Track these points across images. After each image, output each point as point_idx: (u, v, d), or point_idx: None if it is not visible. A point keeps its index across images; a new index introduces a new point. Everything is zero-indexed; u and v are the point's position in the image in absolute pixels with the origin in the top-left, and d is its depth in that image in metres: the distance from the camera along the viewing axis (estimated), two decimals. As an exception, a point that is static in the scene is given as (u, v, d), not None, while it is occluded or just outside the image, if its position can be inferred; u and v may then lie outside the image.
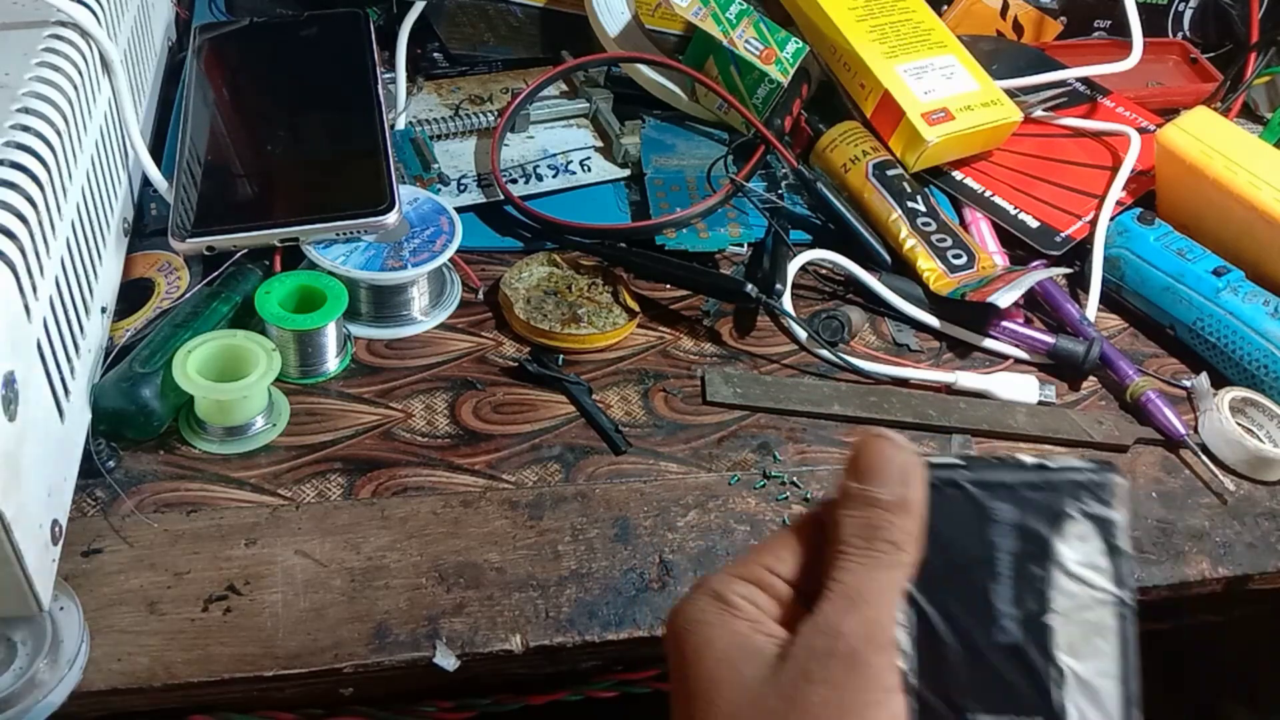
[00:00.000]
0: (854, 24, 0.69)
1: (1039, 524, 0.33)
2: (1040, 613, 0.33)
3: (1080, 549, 0.33)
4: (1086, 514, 0.33)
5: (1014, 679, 0.32)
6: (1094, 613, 0.33)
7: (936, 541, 0.33)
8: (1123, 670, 0.33)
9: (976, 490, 0.34)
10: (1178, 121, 0.64)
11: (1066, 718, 0.32)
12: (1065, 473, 0.34)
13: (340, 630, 0.43)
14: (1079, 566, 0.33)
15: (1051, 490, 0.34)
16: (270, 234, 0.54)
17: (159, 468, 0.48)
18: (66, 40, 0.48)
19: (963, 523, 0.33)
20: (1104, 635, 0.33)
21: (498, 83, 0.74)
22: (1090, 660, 0.33)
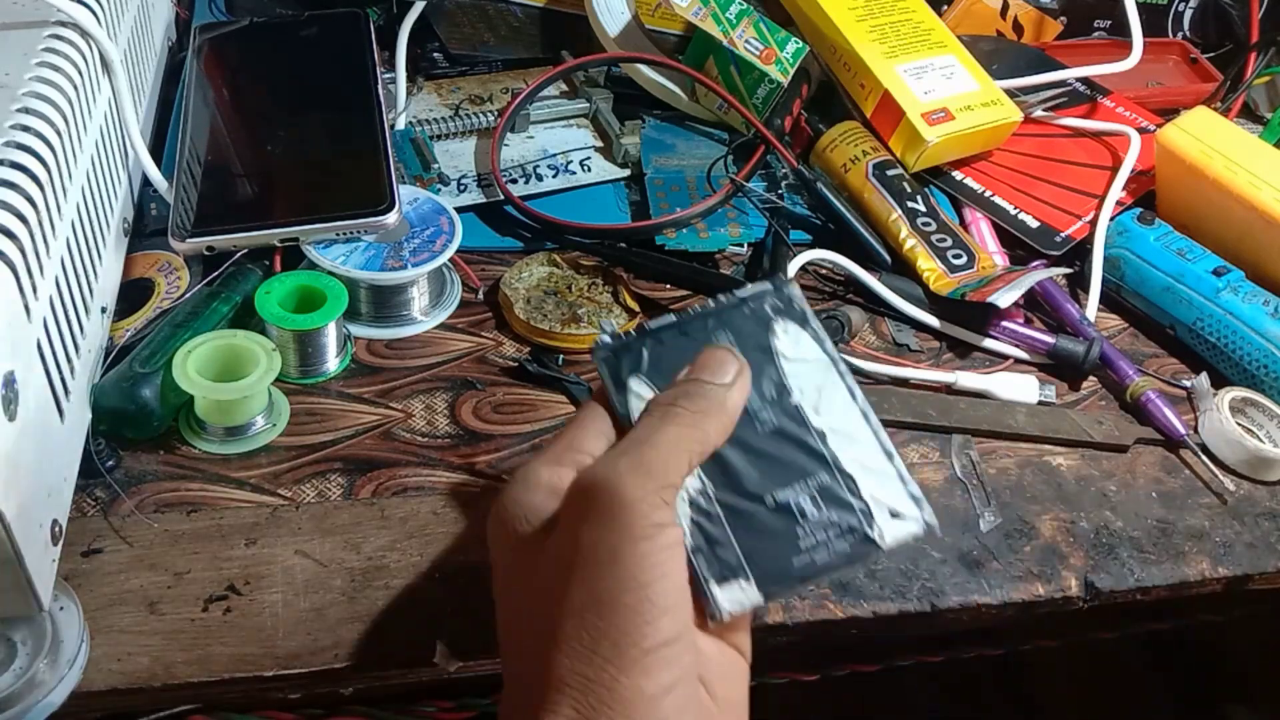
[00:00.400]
0: (854, 24, 0.69)
1: (754, 336, 0.41)
2: (784, 397, 0.40)
3: (788, 340, 0.41)
4: (780, 312, 0.42)
5: (789, 454, 0.39)
6: (819, 378, 0.40)
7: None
8: (860, 408, 0.40)
9: (697, 331, 0.41)
10: (1178, 121, 0.64)
11: (841, 463, 0.39)
12: (757, 296, 0.42)
13: (340, 630, 0.43)
14: (794, 351, 0.41)
15: (751, 309, 0.41)
16: (270, 234, 0.54)
17: (159, 468, 0.48)
18: (66, 40, 0.48)
19: (697, 355, 0.39)
20: (834, 390, 0.40)
21: (498, 83, 0.74)
22: (833, 413, 0.40)
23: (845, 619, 0.46)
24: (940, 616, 0.47)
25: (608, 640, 0.31)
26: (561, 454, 0.37)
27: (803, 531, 0.37)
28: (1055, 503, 0.52)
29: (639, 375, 0.39)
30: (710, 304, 0.41)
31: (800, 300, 0.42)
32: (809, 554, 0.37)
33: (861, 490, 0.38)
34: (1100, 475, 0.54)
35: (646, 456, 0.34)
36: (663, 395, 0.37)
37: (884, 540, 0.38)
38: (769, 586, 0.36)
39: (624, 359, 0.40)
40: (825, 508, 0.38)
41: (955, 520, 0.50)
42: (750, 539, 0.37)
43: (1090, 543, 0.50)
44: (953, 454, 0.54)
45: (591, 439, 0.38)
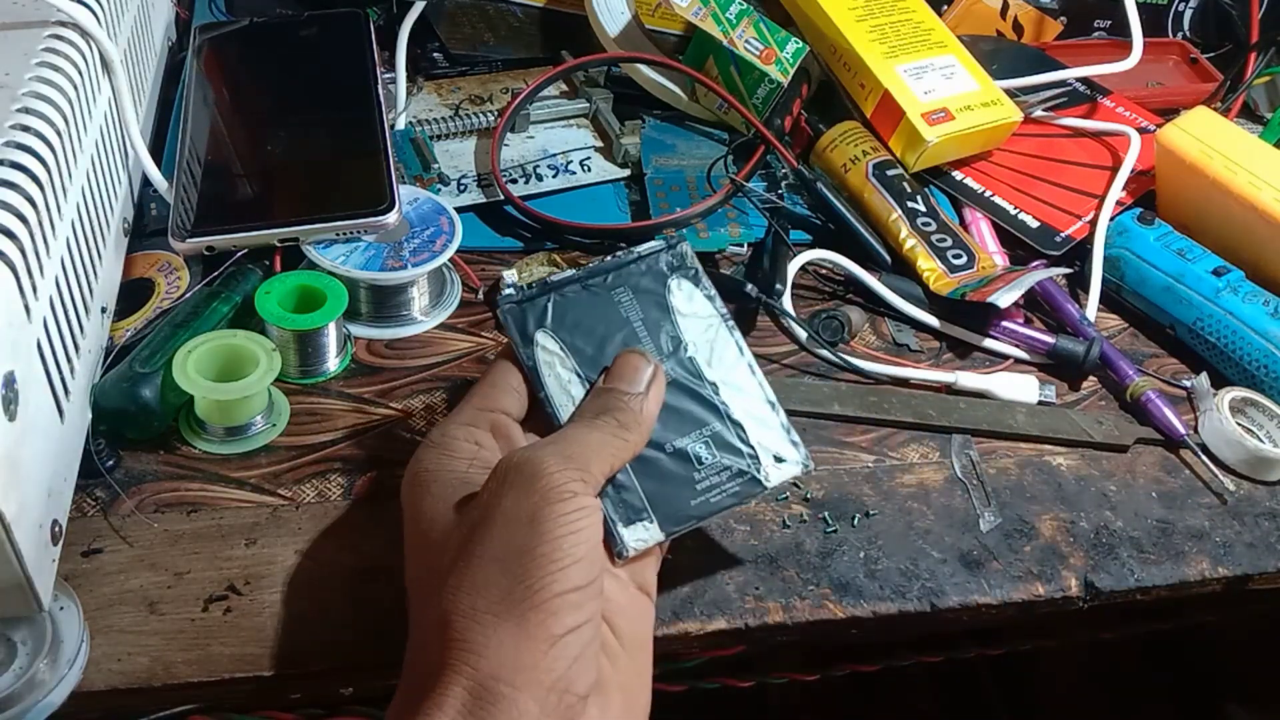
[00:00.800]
0: (854, 24, 0.69)
1: (651, 291, 0.44)
2: (680, 350, 0.43)
3: (682, 295, 0.44)
4: (674, 269, 0.44)
5: (685, 405, 0.42)
6: (710, 333, 0.44)
7: (588, 334, 0.42)
8: (747, 362, 0.44)
9: (597, 286, 0.43)
10: (1178, 121, 0.64)
11: (731, 413, 0.43)
12: (651, 253, 0.44)
13: (341, 630, 0.43)
14: (687, 306, 0.44)
15: (648, 266, 0.44)
16: (270, 234, 0.54)
17: (159, 468, 0.48)
18: (66, 40, 0.48)
19: (599, 311, 0.43)
20: (725, 345, 0.44)
21: (498, 83, 0.74)
22: (724, 366, 0.43)
23: (845, 619, 0.46)
24: (940, 616, 0.47)
25: (522, 585, 0.34)
26: (475, 414, 0.41)
27: (699, 475, 0.42)
28: (1055, 503, 0.52)
29: (544, 329, 0.43)
30: (607, 259, 0.44)
31: (693, 258, 0.45)
32: (704, 495, 0.41)
33: (750, 437, 0.42)
34: (1100, 475, 0.54)
35: (572, 449, 0.38)
36: (587, 405, 0.40)
37: (769, 481, 0.42)
38: (669, 526, 0.40)
39: (529, 313, 0.43)
40: (718, 453, 0.42)
41: (955, 520, 0.50)
42: (652, 484, 0.41)
43: (1090, 543, 0.50)
44: (953, 454, 0.54)
45: (503, 395, 0.42)
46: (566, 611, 0.34)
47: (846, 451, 0.53)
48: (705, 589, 0.46)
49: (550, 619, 0.34)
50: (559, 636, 0.34)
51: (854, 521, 0.50)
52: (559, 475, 0.36)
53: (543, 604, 0.34)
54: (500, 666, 0.33)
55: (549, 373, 0.42)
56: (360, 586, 0.44)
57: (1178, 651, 0.88)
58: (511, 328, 0.42)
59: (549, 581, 0.34)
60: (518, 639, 0.33)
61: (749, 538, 0.48)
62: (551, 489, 0.35)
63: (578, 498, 0.36)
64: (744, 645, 0.47)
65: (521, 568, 0.34)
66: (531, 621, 0.33)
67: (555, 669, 0.33)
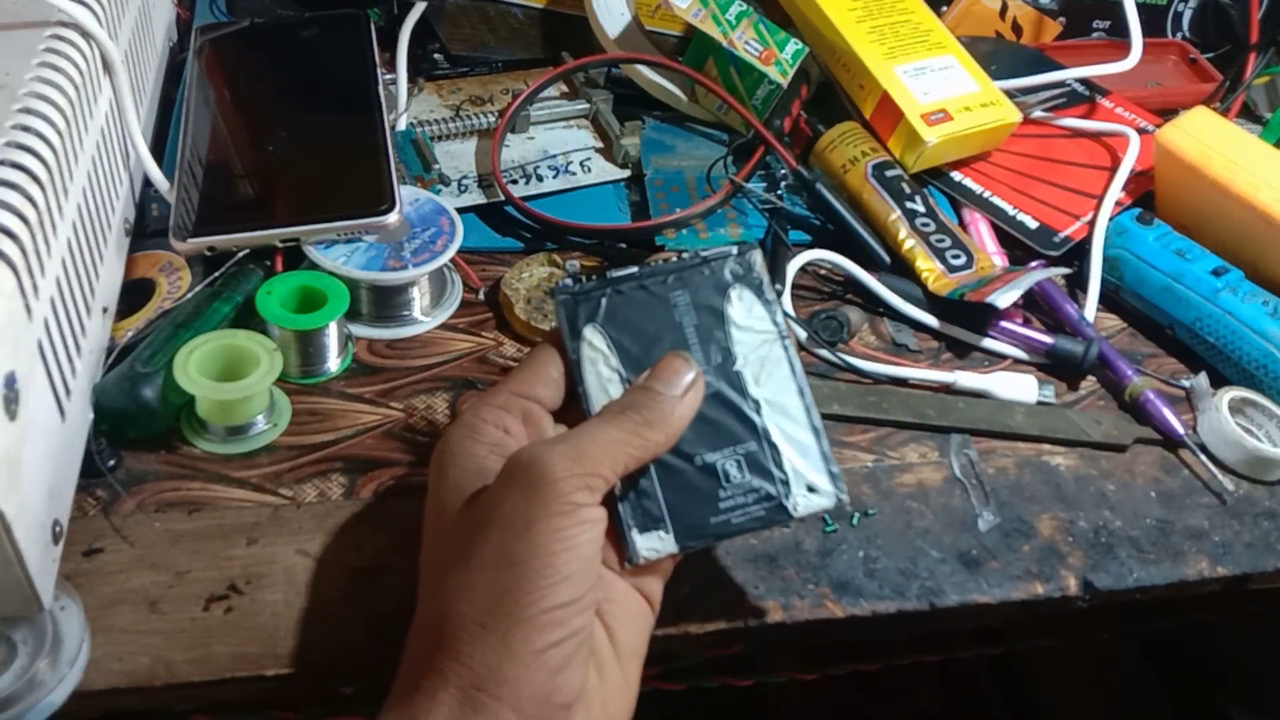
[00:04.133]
0: (853, 25, 0.69)
1: (709, 298, 0.42)
2: (728, 363, 0.41)
3: (741, 307, 0.42)
4: (739, 279, 0.43)
5: (723, 419, 0.41)
6: (764, 349, 0.42)
7: (637, 334, 0.41)
8: (797, 384, 0.42)
9: (655, 286, 0.42)
10: (1177, 122, 0.64)
11: (770, 434, 0.41)
12: (718, 258, 0.43)
13: (341, 630, 0.43)
14: (745, 319, 0.42)
15: (711, 270, 0.43)
16: (271, 234, 0.54)
17: (160, 467, 0.48)
18: (67, 40, 0.48)
19: (653, 313, 0.42)
20: (776, 363, 0.42)
21: (498, 84, 0.74)
22: (771, 385, 0.41)
23: (845, 619, 0.46)
24: (939, 616, 0.47)
25: (510, 597, 0.34)
26: (509, 399, 0.40)
27: (724, 493, 0.40)
28: (1054, 502, 0.52)
29: (594, 324, 0.42)
30: (673, 259, 0.43)
31: (760, 269, 0.43)
32: (727, 514, 0.40)
33: (784, 462, 0.41)
34: (1099, 475, 0.54)
35: (583, 448, 0.37)
36: (618, 400, 0.40)
37: (796, 511, 0.40)
38: (685, 540, 0.39)
39: (582, 306, 0.42)
40: (748, 474, 0.40)
41: (954, 520, 0.50)
42: (675, 494, 0.39)
43: (1089, 542, 0.50)
44: (951, 454, 0.54)
45: (540, 383, 0.41)
46: (551, 627, 0.34)
47: (846, 451, 0.53)
48: (705, 588, 0.46)
49: (534, 634, 0.34)
50: (541, 651, 0.34)
51: (853, 521, 0.50)
52: (564, 484, 0.35)
53: (527, 620, 0.34)
54: (483, 678, 0.34)
55: (590, 369, 0.41)
56: (361, 586, 0.44)
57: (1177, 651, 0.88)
58: (563, 317, 0.41)
59: (536, 597, 0.34)
60: (500, 652, 0.34)
61: (749, 537, 0.48)
62: (553, 499, 0.35)
63: (579, 510, 0.35)
64: (743, 644, 0.47)
65: (511, 579, 0.34)
66: (515, 637, 0.34)
67: (535, 680, 0.34)
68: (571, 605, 0.35)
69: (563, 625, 0.34)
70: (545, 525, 0.35)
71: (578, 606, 0.35)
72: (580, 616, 0.35)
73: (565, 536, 0.35)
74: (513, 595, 0.34)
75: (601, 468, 0.37)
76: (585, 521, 0.35)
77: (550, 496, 0.35)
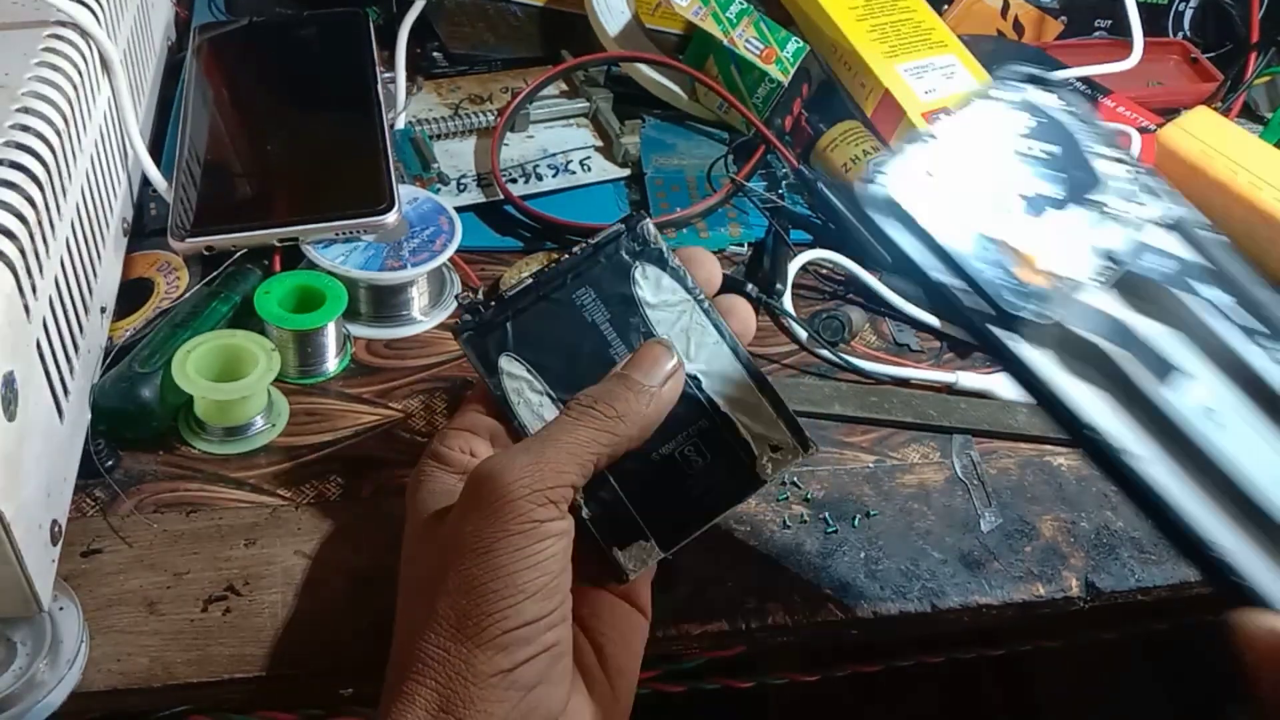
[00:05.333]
0: (854, 23, 0.69)
1: (614, 286, 0.40)
2: None
3: (648, 285, 0.40)
4: (637, 255, 0.40)
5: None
6: (684, 320, 0.40)
7: (554, 349, 0.39)
8: (728, 345, 0.40)
9: (557, 293, 0.40)
10: (1178, 121, 0.64)
11: (718, 406, 0.39)
12: (609, 241, 0.40)
13: (340, 630, 0.43)
14: (655, 295, 0.40)
15: (608, 257, 0.40)
16: (269, 234, 0.54)
17: (158, 468, 0.48)
18: (66, 40, 0.48)
19: (563, 322, 0.40)
20: (701, 330, 0.40)
21: (497, 82, 0.74)
22: (704, 354, 0.40)
23: (845, 619, 0.46)
24: (941, 617, 0.47)
25: (471, 620, 0.33)
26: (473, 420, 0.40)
27: (692, 481, 0.38)
28: (1056, 503, 0.52)
29: (508, 353, 0.40)
30: (564, 259, 0.41)
31: (656, 238, 0.41)
32: (700, 500, 0.38)
33: (740, 430, 0.39)
34: (1101, 475, 0.54)
35: (546, 456, 0.35)
36: (587, 392, 0.37)
37: (767, 474, 0.39)
38: (670, 542, 0.38)
39: (490, 338, 0.40)
40: (709, 453, 0.39)
41: (956, 520, 0.50)
42: (643, 498, 0.38)
43: (1091, 543, 0.50)
44: (953, 454, 0.54)
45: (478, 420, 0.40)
46: (516, 647, 0.33)
47: (847, 452, 0.53)
48: (705, 589, 0.46)
49: (498, 655, 0.33)
50: (508, 671, 0.33)
51: (854, 522, 0.50)
52: (523, 502, 0.34)
53: (490, 641, 0.33)
54: (451, 701, 0.33)
55: (518, 399, 0.39)
56: (360, 586, 0.44)
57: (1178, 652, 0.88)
58: (473, 357, 0.40)
59: (498, 619, 0.33)
60: (466, 675, 0.33)
61: (749, 538, 0.48)
62: (512, 519, 0.34)
63: (541, 527, 0.34)
64: (744, 646, 0.47)
65: (471, 602, 0.33)
66: (479, 659, 0.33)
67: (507, 701, 0.33)
68: (539, 622, 0.34)
69: (530, 643, 0.33)
70: (505, 545, 0.34)
71: (547, 623, 0.34)
72: (550, 632, 0.34)
73: (527, 555, 0.34)
74: (474, 618, 0.33)
75: (565, 475, 0.35)
76: (548, 537, 0.34)
77: (509, 516, 0.34)
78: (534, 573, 0.34)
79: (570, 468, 0.35)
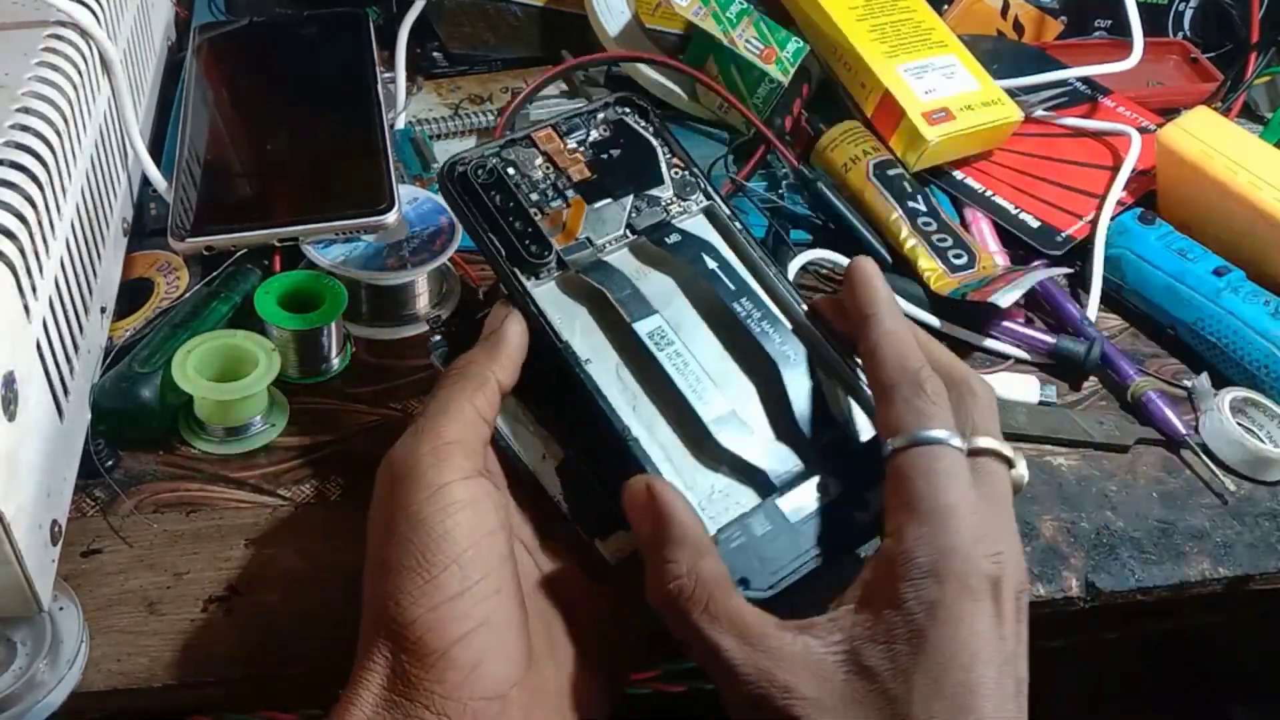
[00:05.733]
0: (854, 23, 0.69)
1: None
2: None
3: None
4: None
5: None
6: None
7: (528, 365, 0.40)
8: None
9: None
10: (1178, 121, 0.64)
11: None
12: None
13: (340, 630, 0.42)
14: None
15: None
16: (269, 234, 0.54)
17: (158, 468, 0.48)
18: (66, 40, 0.48)
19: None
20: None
21: (497, 82, 0.74)
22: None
23: (846, 619, 0.46)
24: (941, 617, 0.47)
25: (393, 601, 0.33)
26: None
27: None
28: (1056, 503, 0.52)
29: None
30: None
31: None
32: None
33: None
34: (1101, 475, 0.54)
35: (420, 425, 0.35)
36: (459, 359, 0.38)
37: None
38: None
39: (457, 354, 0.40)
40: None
41: (956, 520, 0.50)
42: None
43: (1091, 543, 0.50)
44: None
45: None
46: (441, 625, 0.32)
47: (847, 451, 0.53)
48: (705, 589, 0.46)
49: (425, 635, 0.32)
50: (440, 651, 0.32)
51: (854, 522, 0.49)
52: (414, 470, 0.34)
53: (417, 621, 0.32)
54: (394, 682, 0.32)
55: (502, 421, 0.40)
56: (360, 586, 0.44)
57: (1178, 651, 0.88)
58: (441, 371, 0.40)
59: (419, 595, 0.32)
60: (401, 658, 0.32)
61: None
62: (411, 490, 0.33)
63: (441, 491, 0.33)
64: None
65: (393, 585, 0.33)
66: (409, 639, 0.32)
67: (445, 680, 0.32)
68: (463, 596, 0.32)
69: (457, 619, 0.32)
70: (405, 521, 0.33)
71: (473, 595, 0.32)
72: (480, 605, 0.33)
73: (431, 527, 0.33)
74: (396, 600, 0.32)
75: (447, 432, 0.35)
76: (454, 502, 0.33)
77: (408, 488, 0.33)
78: (444, 543, 0.33)
79: (445, 422, 0.35)
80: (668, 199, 0.44)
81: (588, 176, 0.43)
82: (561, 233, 0.41)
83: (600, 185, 0.43)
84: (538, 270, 0.40)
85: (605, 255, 0.42)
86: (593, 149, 0.44)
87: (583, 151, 0.43)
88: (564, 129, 0.44)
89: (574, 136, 0.44)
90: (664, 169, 0.44)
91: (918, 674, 0.31)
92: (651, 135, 0.45)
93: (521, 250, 0.40)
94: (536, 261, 0.40)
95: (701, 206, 0.45)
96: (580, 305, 0.41)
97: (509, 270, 0.40)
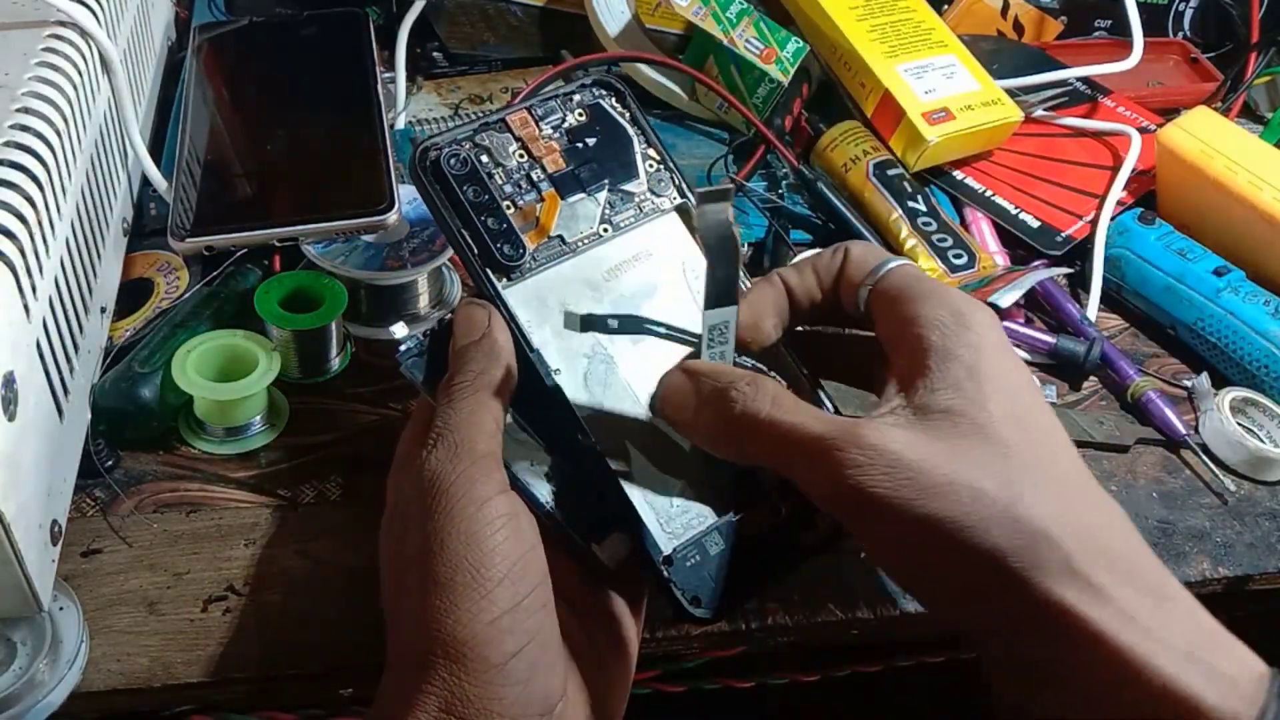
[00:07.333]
0: (854, 23, 0.69)
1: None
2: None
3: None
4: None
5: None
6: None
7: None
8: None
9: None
10: (1178, 121, 0.64)
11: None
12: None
13: (340, 630, 0.43)
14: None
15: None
16: (269, 234, 0.54)
17: (158, 468, 0.48)
18: (66, 40, 0.48)
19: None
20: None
21: (497, 82, 0.74)
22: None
23: (845, 619, 0.46)
24: (941, 617, 0.47)
25: (449, 618, 0.33)
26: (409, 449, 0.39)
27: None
28: (1056, 503, 0.52)
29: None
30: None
31: None
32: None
33: None
34: (1101, 475, 0.54)
35: (451, 440, 0.35)
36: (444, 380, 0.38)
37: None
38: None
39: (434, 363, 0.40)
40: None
41: (956, 520, 0.50)
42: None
43: (1091, 543, 0.50)
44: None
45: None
46: (500, 639, 0.33)
47: (847, 451, 0.53)
48: (705, 589, 0.46)
49: (485, 649, 0.32)
50: (500, 665, 0.33)
51: (854, 522, 0.49)
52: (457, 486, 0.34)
53: (475, 637, 0.32)
54: (450, 703, 0.32)
55: None
56: (360, 586, 0.44)
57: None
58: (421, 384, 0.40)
59: (476, 612, 0.33)
60: (460, 675, 0.32)
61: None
62: (454, 508, 0.34)
63: (485, 507, 0.34)
64: (744, 646, 0.47)
65: (448, 603, 0.33)
66: (468, 656, 0.32)
67: (504, 697, 0.32)
68: (517, 609, 0.33)
69: (513, 632, 0.33)
70: (456, 538, 0.33)
71: (525, 609, 0.33)
72: (531, 619, 0.34)
73: (481, 541, 0.33)
74: (452, 616, 0.33)
75: (478, 446, 0.35)
76: (500, 516, 0.34)
77: (452, 508, 0.34)
78: (494, 558, 0.33)
79: (474, 437, 0.35)
80: (641, 194, 0.43)
81: (562, 168, 0.42)
82: (534, 230, 0.41)
83: (574, 178, 0.42)
84: (510, 272, 0.40)
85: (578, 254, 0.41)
86: (568, 136, 0.43)
87: (558, 139, 0.43)
88: (539, 113, 0.43)
89: (549, 121, 0.43)
90: (639, 161, 0.44)
91: (991, 402, 0.35)
92: (628, 123, 0.44)
93: (494, 251, 0.40)
94: (509, 263, 0.40)
95: (675, 204, 0.44)
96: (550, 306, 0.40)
97: (482, 271, 0.40)
